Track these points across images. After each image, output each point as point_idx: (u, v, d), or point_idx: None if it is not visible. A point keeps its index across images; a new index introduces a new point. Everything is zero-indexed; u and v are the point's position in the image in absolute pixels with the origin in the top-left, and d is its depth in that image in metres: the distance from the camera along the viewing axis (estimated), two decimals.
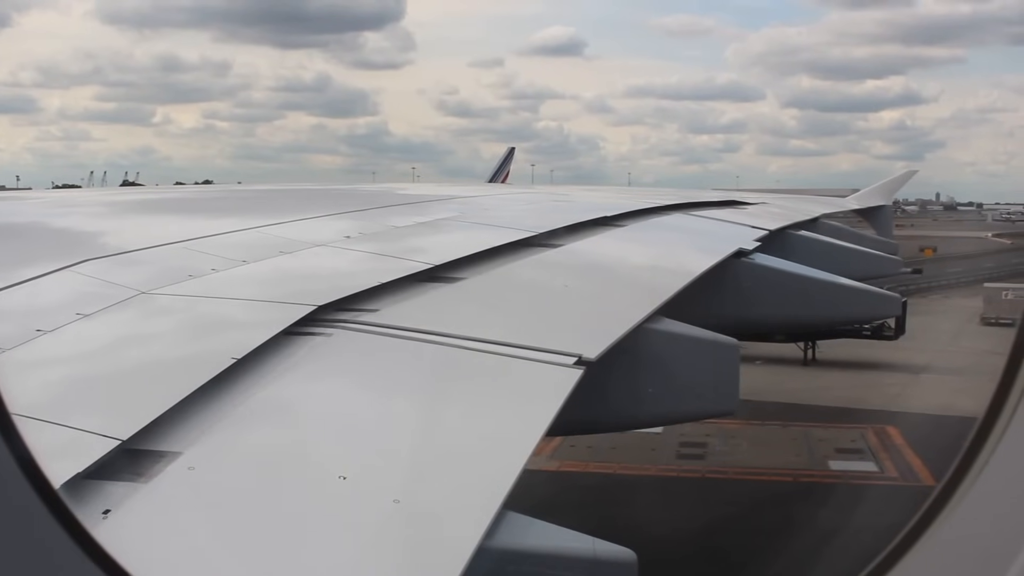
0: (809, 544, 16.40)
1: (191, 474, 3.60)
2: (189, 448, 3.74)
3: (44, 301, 5.49)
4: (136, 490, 3.41)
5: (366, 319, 5.59)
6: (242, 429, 4.15)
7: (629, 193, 22.13)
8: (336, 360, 5.16)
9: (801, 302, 10.82)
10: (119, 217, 9.95)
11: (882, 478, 22.28)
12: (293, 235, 7.94)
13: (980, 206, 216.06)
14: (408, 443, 4.27)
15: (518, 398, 4.97)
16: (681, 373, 6.72)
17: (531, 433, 4.22)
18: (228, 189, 19.23)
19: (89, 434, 3.68)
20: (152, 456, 3.66)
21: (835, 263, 13.36)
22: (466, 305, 6.65)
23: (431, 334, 5.42)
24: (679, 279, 7.90)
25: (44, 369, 4.59)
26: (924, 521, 2.39)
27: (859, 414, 27.99)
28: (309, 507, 3.61)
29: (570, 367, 5.05)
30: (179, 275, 6.16)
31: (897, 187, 34.85)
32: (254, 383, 4.56)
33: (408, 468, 3.99)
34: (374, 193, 14.60)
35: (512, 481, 3.67)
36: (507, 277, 7.62)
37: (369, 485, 3.78)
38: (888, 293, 12.89)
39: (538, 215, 11.85)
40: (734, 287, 9.87)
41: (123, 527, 3.20)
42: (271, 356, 4.89)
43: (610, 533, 3.95)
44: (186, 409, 4.09)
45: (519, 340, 5.38)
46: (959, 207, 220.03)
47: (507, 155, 72.15)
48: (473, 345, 5.28)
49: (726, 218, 14.52)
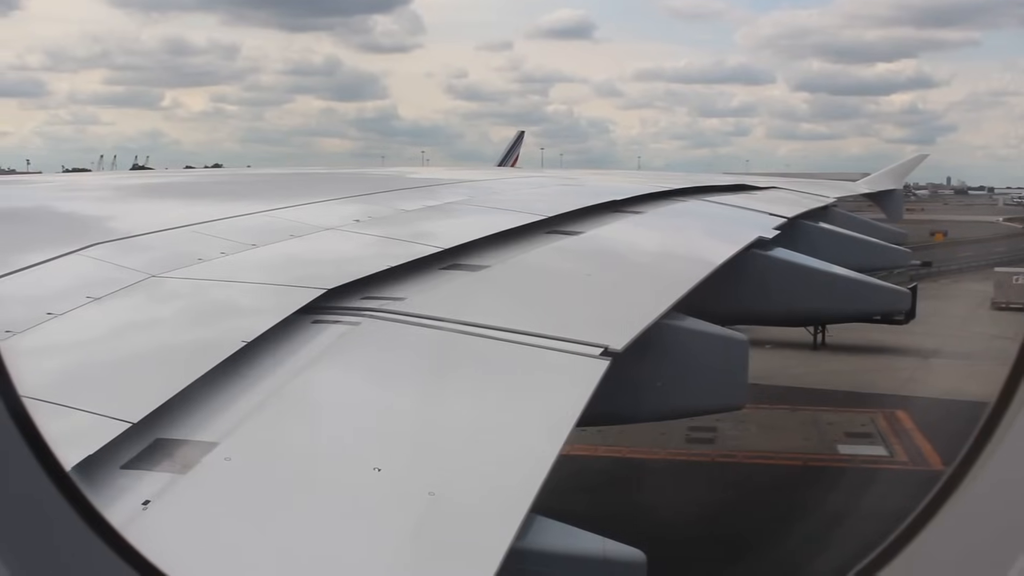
0: (819, 527, 16.41)
1: (228, 465, 3.60)
2: (225, 438, 3.74)
3: (55, 285, 5.51)
4: (175, 481, 3.41)
5: (393, 307, 5.58)
6: (275, 418, 4.15)
7: (640, 177, 22.05)
8: (366, 349, 5.16)
9: (813, 295, 11.00)
10: (129, 201, 9.97)
11: (892, 462, 22.25)
12: (303, 219, 7.95)
13: (991, 190, 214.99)
14: (440, 435, 4.25)
15: (547, 389, 4.97)
16: (691, 367, 6.71)
17: (561, 426, 4.21)
18: (238, 173, 19.24)
19: (99, 416, 3.69)
20: (188, 446, 3.67)
21: (847, 254, 13.75)
22: (491, 293, 6.66)
23: (459, 323, 5.41)
24: (700, 268, 7.89)
25: (54, 352, 4.60)
26: (933, 505, 2.38)
27: (869, 398, 27.94)
28: (345, 500, 3.61)
29: (596, 358, 5.04)
30: (189, 259, 6.17)
31: (908, 171, 34.67)
32: (275, 369, 4.57)
33: (441, 461, 3.97)
34: (384, 177, 14.59)
35: (541, 480, 3.64)
36: (529, 264, 7.63)
37: (404, 477, 3.76)
38: (898, 288, 13.17)
39: (550, 199, 11.86)
40: (749, 278, 9.86)
41: (164, 518, 3.22)
42: (288, 341, 4.90)
43: (622, 515, 3.95)
44: (203, 393, 4.10)
45: (546, 330, 5.38)
46: (970, 191, 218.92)
47: (516, 139, 71.94)
48: (500, 335, 5.27)
49: (743, 204, 14.55)
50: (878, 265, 15.96)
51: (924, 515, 2.38)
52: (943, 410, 24.34)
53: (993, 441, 2.34)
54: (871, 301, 12.20)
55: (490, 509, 3.65)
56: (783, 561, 15.01)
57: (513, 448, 4.20)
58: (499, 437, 4.32)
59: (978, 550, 2.36)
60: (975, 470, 2.34)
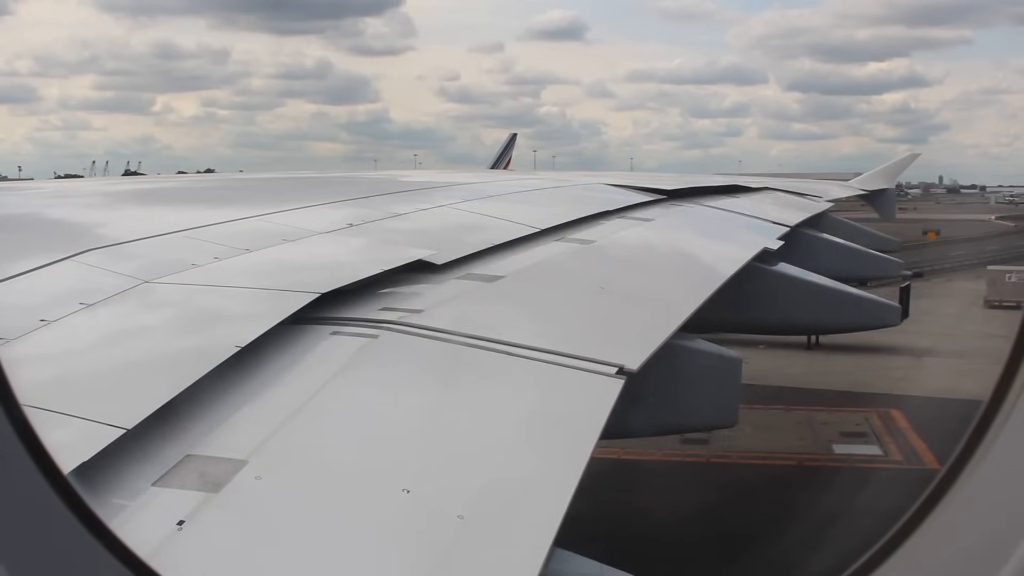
0: (815, 526, 16.43)
1: (258, 485, 3.58)
2: (253, 456, 3.72)
3: (47, 291, 5.49)
4: (208, 501, 3.40)
5: (413, 320, 5.54)
6: (302, 435, 4.11)
7: (635, 178, 22.07)
8: (388, 364, 5.13)
9: (811, 309, 11.44)
10: (122, 207, 9.94)
11: (886, 461, 22.27)
12: (296, 223, 7.94)
13: (983, 189, 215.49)
14: (464, 456, 4.21)
15: (568, 408, 4.94)
16: (685, 384, 6.71)
17: (581, 448, 4.17)
18: (230, 178, 19.21)
19: (93, 423, 3.68)
20: (218, 463, 3.66)
21: (844, 264, 15.06)
22: (508, 306, 6.66)
23: (478, 339, 5.37)
24: (708, 283, 7.99)
25: (47, 359, 4.59)
26: (928, 504, 2.39)
27: (863, 397, 27.94)
28: (376, 524, 3.59)
29: (612, 376, 5.03)
30: (182, 265, 6.16)
31: (900, 170, 34.74)
32: (283, 376, 4.56)
33: (467, 483, 3.94)
34: (376, 180, 14.59)
35: (564, 508, 3.61)
36: (543, 275, 7.68)
37: (433, 500, 3.73)
38: (890, 303, 13.92)
39: (557, 203, 12.04)
40: (750, 291, 9.98)
41: (199, 541, 3.22)
42: (291, 346, 4.89)
43: (621, 516, 3.95)
44: (212, 401, 4.11)
45: (563, 346, 5.37)
46: (962, 190, 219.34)
47: (509, 141, 71.93)
48: (520, 352, 5.25)
49: (745, 210, 14.86)
50: (872, 275, 16.66)
51: (919, 514, 2.39)
52: (937, 409, 24.36)
53: (987, 440, 2.35)
54: (864, 315, 12.76)
55: (516, 536, 3.62)
56: (780, 561, 15.02)
57: (536, 470, 4.16)
58: (523, 459, 4.29)
59: (973, 548, 2.37)
60: (969, 469, 2.35)
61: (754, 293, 10.04)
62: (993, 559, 2.22)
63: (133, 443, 3.66)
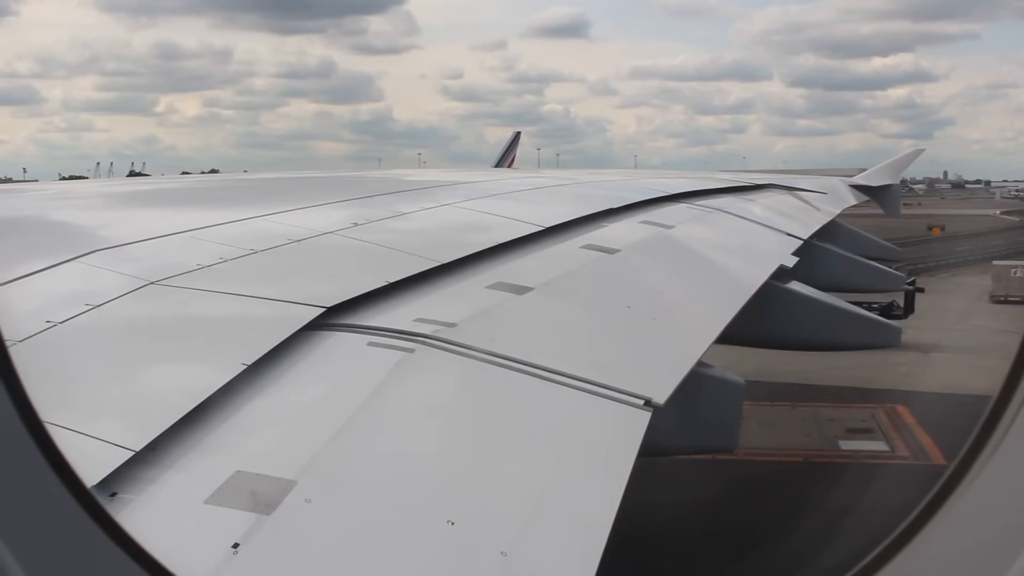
0: (824, 523, 16.41)
1: (309, 509, 3.58)
2: (302, 476, 3.72)
3: (53, 293, 5.49)
4: (260, 524, 3.40)
5: (447, 336, 5.49)
6: (347, 456, 4.10)
7: (640, 176, 22.03)
8: (425, 383, 5.10)
9: (818, 328, 11.75)
10: (127, 208, 9.96)
11: (893, 457, 22.24)
12: (301, 223, 7.93)
13: (988, 184, 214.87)
14: (505, 485, 4.22)
15: (600, 440, 4.94)
16: (688, 409, 6.65)
17: (614, 485, 4.18)
18: (234, 178, 19.22)
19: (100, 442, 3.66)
20: (267, 482, 3.66)
21: (852, 277, 16.28)
22: (540, 323, 6.64)
23: (510, 359, 5.33)
24: (730, 305, 8.06)
25: (54, 362, 4.59)
26: (937, 500, 2.38)
27: (869, 393, 27.91)
28: (423, 559, 3.59)
29: (640, 408, 5.05)
30: (188, 265, 6.15)
31: (904, 166, 34.59)
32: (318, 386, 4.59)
33: (505, 516, 3.94)
34: (381, 180, 14.59)
35: (602, 546, 3.61)
36: (570, 287, 7.70)
37: (476, 534, 3.73)
38: (891, 323, 14.94)
39: (572, 202, 12.03)
40: (762, 309, 9.95)
41: (255, 566, 3.23)
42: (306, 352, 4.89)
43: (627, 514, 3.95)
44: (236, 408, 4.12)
45: (593, 373, 5.35)
46: (967, 185, 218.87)
47: (513, 139, 71.79)
48: (555, 377, 5.23)
49: (759, 218, 15.07)
50: (876, 287, 17.17)
51: (927, 511, 2.38)
52: (944, 405, 24.32)
53: (995, 437, 2.34)
54: (868, 335, 13.20)
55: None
56: (787, 558, 15.01)
57: (572, 508, 4.16)
58: (560, 495, 4.28)
59: (982, 545, 2.36)
60: (977, 465, 2.34)
61: (766, 310, 10.07)
62: (1003, 555, 2.21)
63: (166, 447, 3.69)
